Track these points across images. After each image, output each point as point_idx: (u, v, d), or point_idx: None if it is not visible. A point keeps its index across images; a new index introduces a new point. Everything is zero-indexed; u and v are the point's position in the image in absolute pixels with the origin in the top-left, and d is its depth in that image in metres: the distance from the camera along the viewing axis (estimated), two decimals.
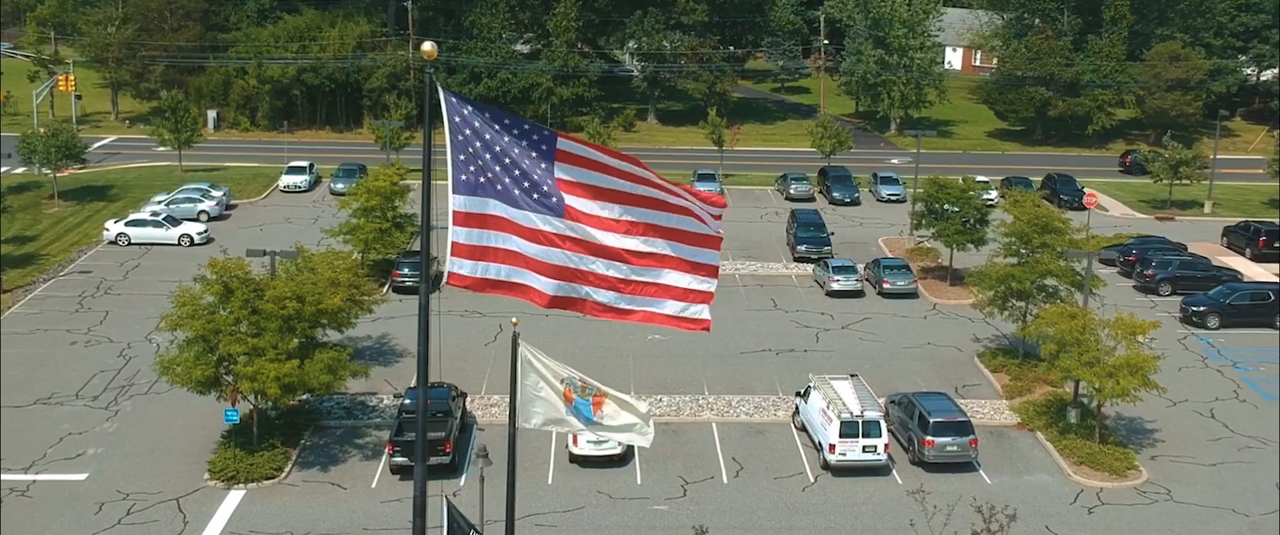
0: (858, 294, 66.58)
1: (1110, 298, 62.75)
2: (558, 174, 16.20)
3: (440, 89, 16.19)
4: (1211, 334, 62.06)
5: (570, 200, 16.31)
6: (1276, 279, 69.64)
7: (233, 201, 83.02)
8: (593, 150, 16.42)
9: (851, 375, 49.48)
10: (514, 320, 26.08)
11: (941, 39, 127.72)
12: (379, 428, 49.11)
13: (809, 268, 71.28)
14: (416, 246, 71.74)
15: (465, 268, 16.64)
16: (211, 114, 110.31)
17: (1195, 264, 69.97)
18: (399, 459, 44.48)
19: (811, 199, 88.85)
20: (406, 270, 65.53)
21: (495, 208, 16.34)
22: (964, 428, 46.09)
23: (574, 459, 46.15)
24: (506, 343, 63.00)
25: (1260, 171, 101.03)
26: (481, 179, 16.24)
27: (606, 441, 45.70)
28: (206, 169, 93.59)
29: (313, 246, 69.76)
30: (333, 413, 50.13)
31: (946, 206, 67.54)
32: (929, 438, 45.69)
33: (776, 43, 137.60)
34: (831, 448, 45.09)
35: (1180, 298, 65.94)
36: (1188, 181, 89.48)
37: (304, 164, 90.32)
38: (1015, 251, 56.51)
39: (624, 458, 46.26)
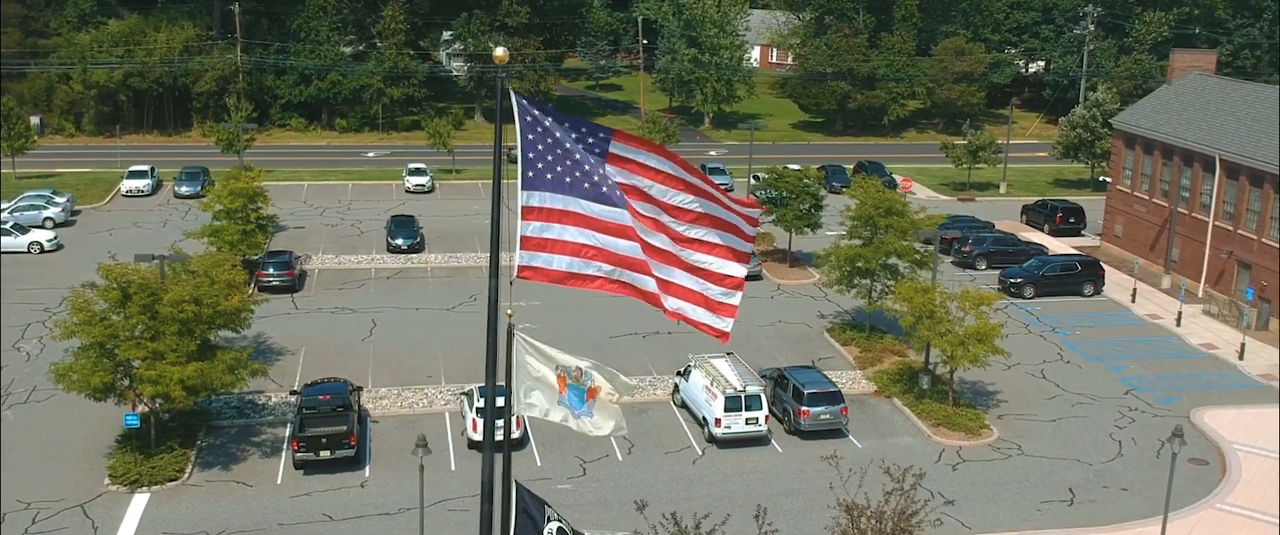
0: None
1: (919, 272, 65.37)
2: (612, 173, 16.33)
3: (512, 92, 16.15)
4: (1029, 303, 65.41)
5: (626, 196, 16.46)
6: (1076, 251, 73.77)
7: (77, 207, 79.11)
8: (647, 152, 16.52)
9: (728, 353, 50.49)
10: (509, 312, 25.96)
11: (746, 38, 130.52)
12: (272, 425, 47.77)
13: None
14: (277, 247, 69.80)
15: (533, 260, 16.65)
16: (35, 120, 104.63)
17: (1006, 240, 73.59)
18: (304, 455, 43.38)
19: None
20: (272, 270, 63.74)
21: (561, 202, 16.35)
22: (835, 397, 47.58)
23: (473, 445, 45.82)
24: (382, 337, 62.24)
25: (1044, 154, 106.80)
26: (549, 175, 16.24)
27: (504, 427, 45.62)
28: (39, 176, 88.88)
29: (168, 250, 67.39)
30: (224, 413, 48.48)
31: (784, 194, 69.31)
32: (804, 408, 47.01)
33: (591, 43, 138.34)
34: (717, 422, 45.97)
35: (996, 271, 69.32)
36: (985, 165, 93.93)
37: (145, 168, 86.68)
38: (860, 233, 58.44)
39: (521, 441, 46.23)
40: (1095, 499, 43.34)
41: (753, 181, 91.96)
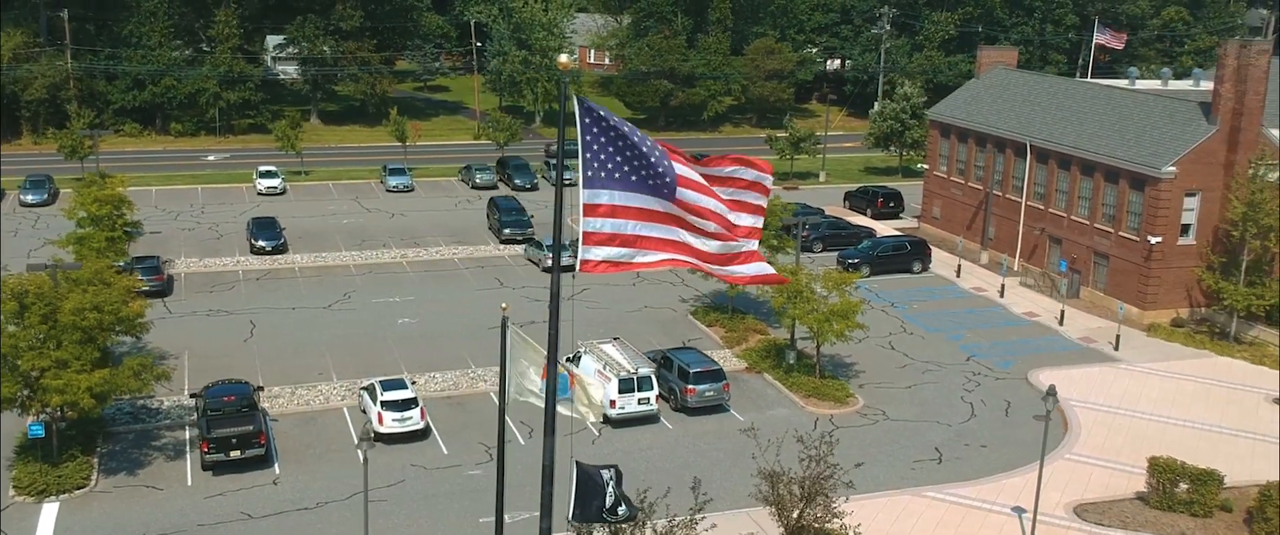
0: (570, 268, 67.75)
1: (777, 256, 67.18)
2: (680, 172, 16.67)
3: (574, 96, 16.24)
4: (866, 281, 67.72)
5: (681, 190, 16.78)
6: (900, 233, 76.78)
7: None
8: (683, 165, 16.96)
9: (615, 338, 50.91)
10: (504, 305, 25.89)
11: (571, 40, 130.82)
12: (170, 428, 45.95)
13: (518, 248, 72.11)
14: (137, 252, 66.79)
15: (595, 254, 16.77)
16: None
17: (839, 224, 76.06)
18: (214, 456, 41.83)
19: (495, 186, 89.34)
20: (140, 275, 60.89)
21: (619, 198, 16.54)
22: (718, 375, 48.55)
23: (379, 437, 44.95)
24: (264, 338, 60.34)
25: (851, 145, 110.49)
26: (603, 173, 16.41)
27: (410, 419, 45.08)
28: None
29: (26, 257, 63.84)
30: (118, 419, 46.32)
31: None
32: (691, 386, 47.82)
33: (419, 46, 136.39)
34: (612, 403, 46.36)
35: (833, 252, 71.61)
36: (805, 155, 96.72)
37: None
38: None
39: (425, 432, 45.66)
40: (960, 456, 45.46)
41: None
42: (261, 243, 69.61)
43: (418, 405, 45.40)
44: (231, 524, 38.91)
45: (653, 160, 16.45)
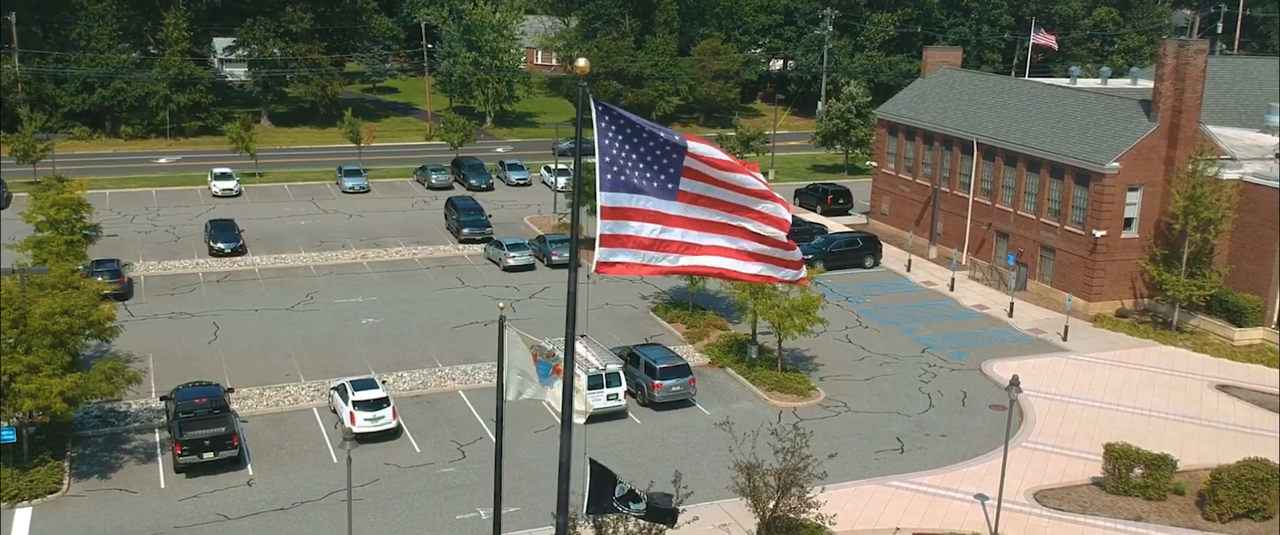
0: (530, 267, 67.95)
1: None
2: (686, 164, 16.66)
3: (592, 99, 16.26)
4: (820, 276, 68.13)
5: (686, 184, 16.77)
6: (850, 229, 77.51)
7: None
8: (712, 160, 16.90)
9: (582, 336, 50.92)
10: (501, 304, 25.92)
11: (521, 41, 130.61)
12: (140, 431, 45.35)
13: (478, 248, 71.89)
14: (100, 256, 65.70)
15: (610, 255, 16.79)
16: None
17: (793, 221, 76.43)
18: (187, 458, 41.36)
19: (451, 187, 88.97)
20: (102, 278, 59.95)
21: (634, 200, 16.57)
22: (684, 370, 48.76)
23: (351, 437, 44.62)
24: (228, 339, 59.77)
25: (795, 143, 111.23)
26: (622, 176, 16.45)
27: (382, 418, 44.83)
28: None
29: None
30: (86, 423, 45.63)
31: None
32: (658, 382, 48.00)
33: (369, 48, 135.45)
34: None
35: None
36: (756, 154, 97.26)
37: None
38: None
39: (397, 431, 45.43)
40: (921, 446, 46.02)
41: (544, 173, 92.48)
42: (220, 245, 68.82)
43: (389, 404, 45.18)
44: (208, 525, 38.48)
45: (661, 163, 16.48)
